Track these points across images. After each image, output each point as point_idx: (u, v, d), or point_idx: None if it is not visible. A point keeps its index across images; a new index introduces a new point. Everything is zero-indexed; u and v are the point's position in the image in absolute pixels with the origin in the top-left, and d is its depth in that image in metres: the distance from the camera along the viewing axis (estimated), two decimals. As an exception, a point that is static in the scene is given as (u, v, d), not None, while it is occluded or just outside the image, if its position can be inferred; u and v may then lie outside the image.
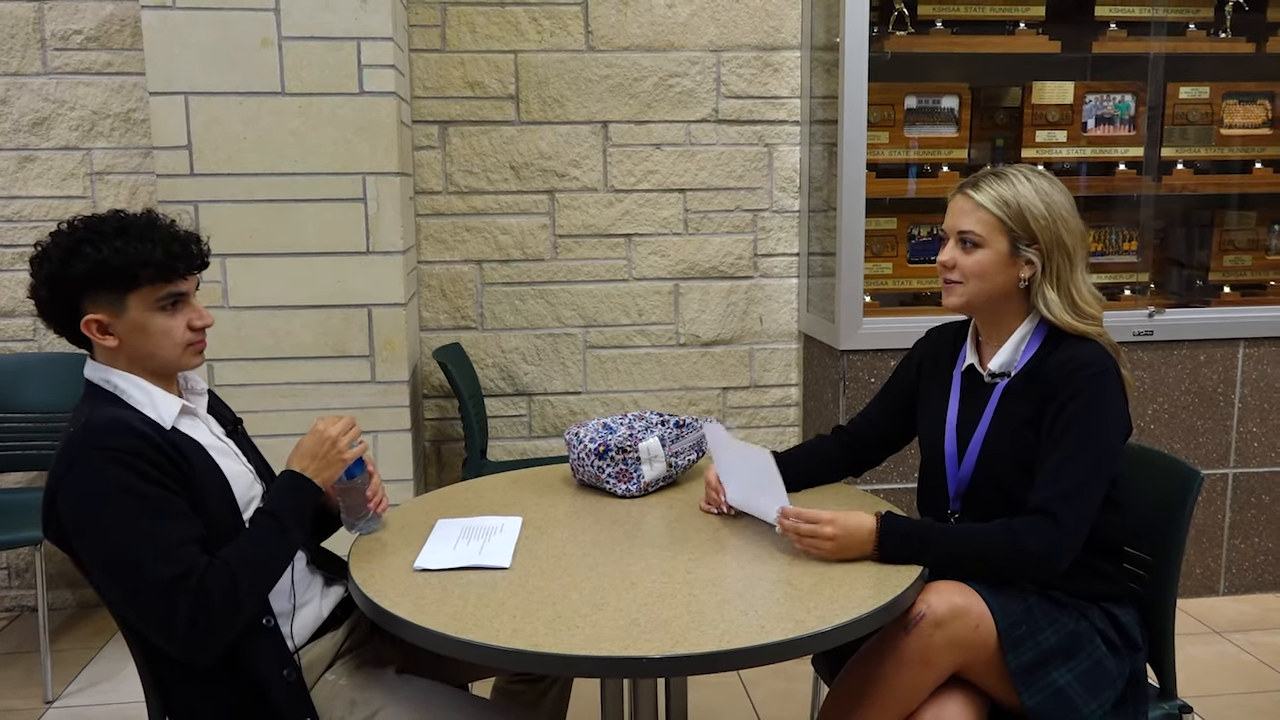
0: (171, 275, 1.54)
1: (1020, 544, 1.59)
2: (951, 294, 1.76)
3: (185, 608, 1.39)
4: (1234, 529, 3.33)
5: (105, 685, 2.84)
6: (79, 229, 1.52)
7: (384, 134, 2.87)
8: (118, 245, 1.49)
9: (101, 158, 3.22)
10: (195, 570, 1.41)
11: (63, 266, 1.49)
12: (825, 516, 1.61)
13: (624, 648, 1.34)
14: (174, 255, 1.53)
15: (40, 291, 1.52)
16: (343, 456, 1.63)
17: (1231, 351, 3.26)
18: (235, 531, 1.55)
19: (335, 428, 1.64)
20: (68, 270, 1.49)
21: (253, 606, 1.50)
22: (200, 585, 1.40)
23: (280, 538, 1.54)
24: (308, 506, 1.61)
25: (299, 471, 1.60)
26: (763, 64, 3.42)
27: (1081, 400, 1.63)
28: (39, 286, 1.52)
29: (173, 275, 1.54)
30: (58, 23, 3.15)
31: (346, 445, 1.64)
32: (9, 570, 3.35)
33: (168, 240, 1.53)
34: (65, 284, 1.50)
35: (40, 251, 1.52)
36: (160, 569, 1.40)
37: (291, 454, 1.63)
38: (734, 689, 2.76)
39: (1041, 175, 1.74)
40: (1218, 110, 3.36)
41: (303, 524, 1.60)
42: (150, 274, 1.51)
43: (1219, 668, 2.90)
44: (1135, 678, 1.69)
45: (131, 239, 1.50)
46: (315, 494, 1.61)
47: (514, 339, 3.47)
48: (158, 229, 1.54)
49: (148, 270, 1.50)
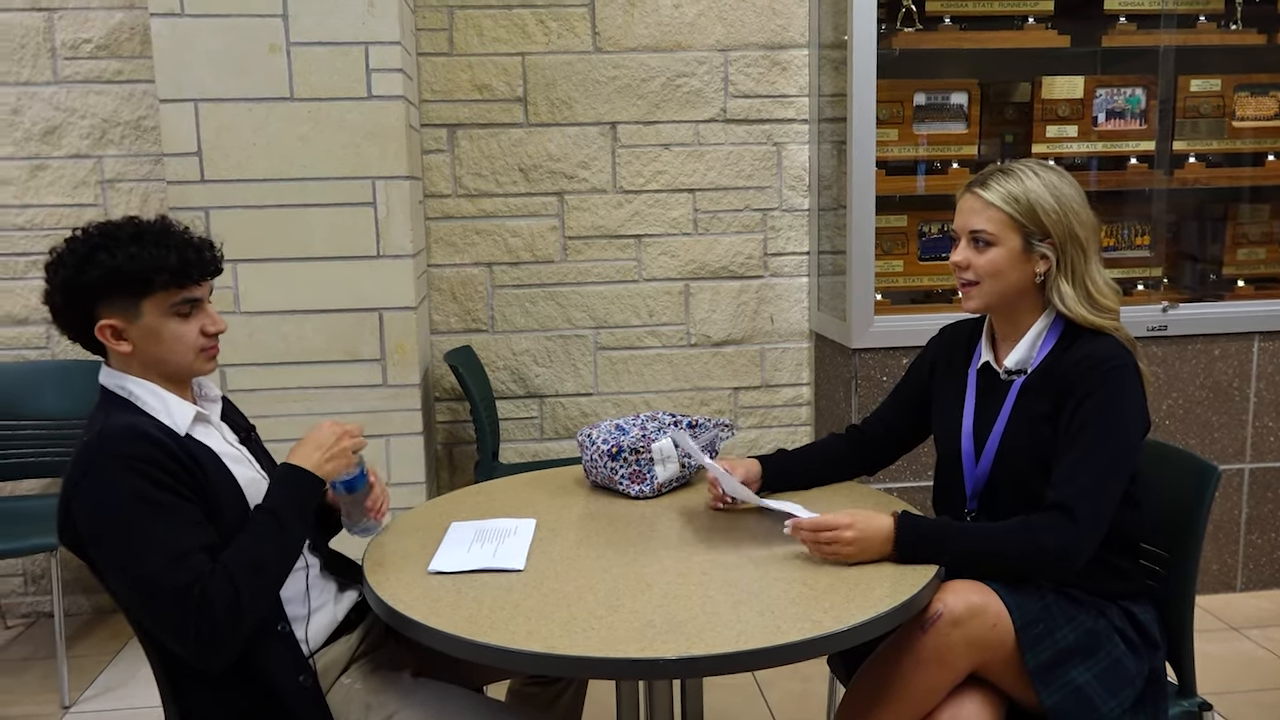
0: (186, 281, 1.55)
1: (1038, 542, 1.58)
2: (970, 297, 1.75)
3: (193, 617, 1.39)
4: (1251, 524, 3.31)
5: (121, 691, 2.85)
6: (94, 235, 1.53)
7: (393, 138, 2.87)
8: (133, 251, 1.50)
9: (112, 165, 3.24)
10: (201, 579, 1.41)
11: (77, 273, 1.50)
12: (844, 521, 1.60)
13: (640, 649, 1.34)
14: (188, 261, 1.54)
15: (55, 298, 1.53)
16: (346, 450, 1.61)
17: (1246, 345, 3.24)
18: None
19: (336, 429, 1.63)
20: (82, 276, 1.49)
21: (258, 609, 1.48)
22: (203, 595, 1.40)
23: (278, 534, 1.51)
24: (308, 499, 1.58)
25: (298, 465, 1.58)
26: (770, 63, 3.42)
27: (1099, 396, 1.61)
28: (54, 293, 1.53)
29: (187, 281, 1.55)
30: (67, 32, 3.16)
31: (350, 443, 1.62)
32: (25, 576, 3.37)
33: (182, 246, 1.54)
34: (80, 290, 1.50)
35: (55, 258, 1.53)
36: (172, 576, 1.40)
37: (292, 449, 1.61)
38: (749, 690, 2.75)
39: (1050, 168, 1.73)
40: (1229, 103, 3.33)
41: (304, 518, 1.57)
42: (165, 280, 1.52)
43: (1237, 664, 2.87)
44: (1154, 676, 1.68)
45: (146, 245, 1.51)
46: (316, 486, 1.58)
47: (525, 341, 3.47)
48: (172, 235, 1.55)
49: (162, 276, 1.51)
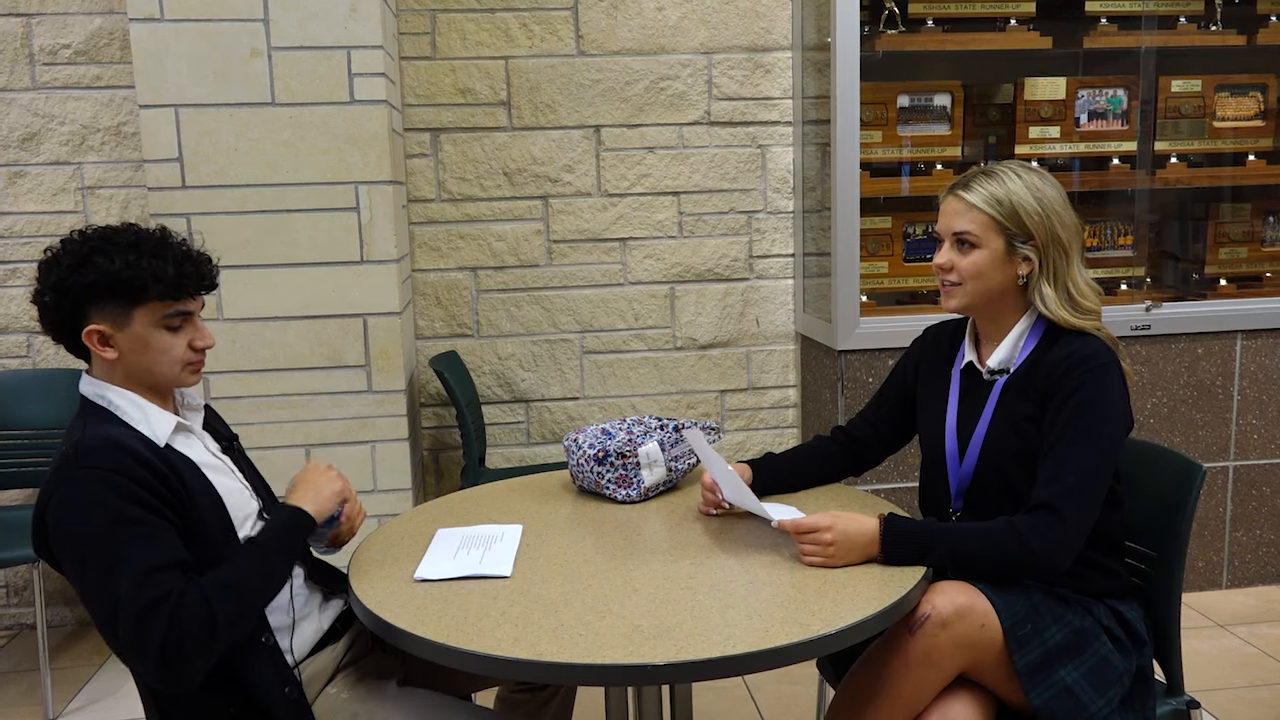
0: (180, 294, 1.54)
1: (1025, 542, 1.58)
2: (951, 296, 1.75)
3: (158, 635, 1.37)
4: (1235, 522, 3.33)
5: (106, 703, 2.82)
6: (92, 238, 1.52)
7: (376, 142, 2.86)
8: (130, 259, 1.49)
9: (92, 172, 3.21)
10: (170, 597, 1.39)
11: (73, 273, 1.49)
12: (824, 522, 1.59)
13: (627, 655, 1.33)
14: (185, 274, 1.54)
15: (45, 297, 1.52)
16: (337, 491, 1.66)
17: (1229, 344, 3.25)
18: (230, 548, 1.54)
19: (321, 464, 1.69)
20: (77, 278, 1.48)
21: (231, 635, 1.45)
22: (174, 614, 1.38)
23: (261, 564, 1.52)
24: (298, 535, 1.60)
25: (294, 504, 1.61)
26: (754, 65, 3.42)
27: (1082, 395, 1.62)
28: (45, 292, 1.51)
29: (182, 294, 1.54)
30: (46, 37, 3.13)
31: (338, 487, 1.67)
32: (7, 588, 3.34)
33: (180, 259, 1.54)
34: (73, 291, 1.49)
35: (50, 257, 1.52)
36: (136, 594, 1.37)
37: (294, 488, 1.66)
38: (739, 693, 2.75)
39: (1032, 170, 1.73)
40: (1210, 103, 3.36)
41: (290, 553, 1.58)
42: (160, 290, 1.51)
43: (1223, 661, 2.89)
44: (1142, 674, 1.69)
45: (144, 254, 1.50)
46: (306, 521, 1.60)
47: (510, 346, 3.46)
48: (170, 247, 1.55)
49: (158, 286, 1.51)
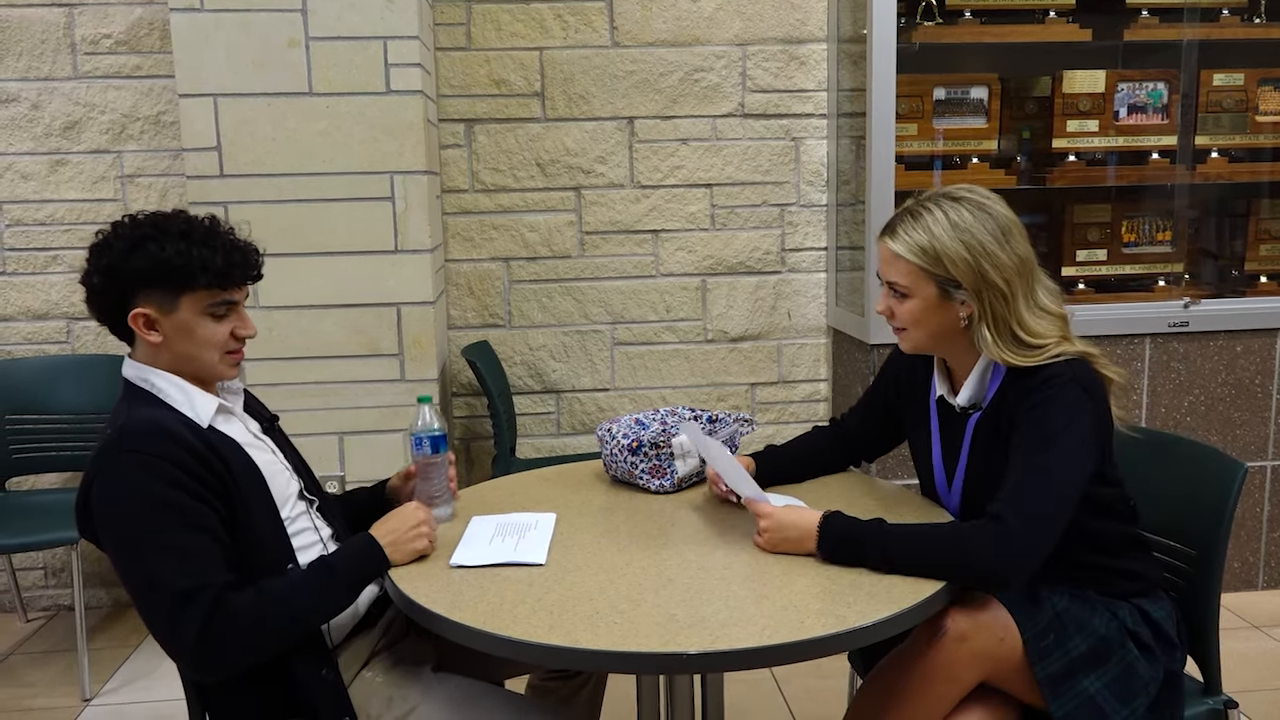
0: (227, 283, 1.57)
1: (966, 550, 1.51)
2: (902, 340, 1.73)
3: (195, 621, 1.39)
4: (1273, 522, 3.28)
5: (142, 683, 2.86)
6: (144, 224, 1.55)
7: (411, 133, 2.87)
8: (181, 246, 1.52)
9: (132, 160, 3.25)
10: (211, 585, 1.41)
11: (124, 258, 1.52)
12: (764, 510, 1.63)
13: (662, 644, 1.34)
14: (233, 264, 1.57)
15: (94, 279, 1.55)
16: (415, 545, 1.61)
17: (1269, 342, 3.21)
18: (274, 527, 1.56)
19: (421, 513, 1.65)
20: (129, 263, 1.52)
21: (272, 646, 1.48)
22: (220, 602, 1.41)
23: (326, 589, 1.53)
24: (370, 574, 1.59)
25: (376, 539, 1.59)
26: (789, 57, 3.40)
27: (1036, 413, 1.56)
28: (94, 274, 1.54)
29: (229, 283, 1.57)
30: (87, 27, 3.17)
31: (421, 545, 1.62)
32: (45, 570, 3.39)
33: (228, 249, 1.56)
34: (123, 276, 1.52)
35: (101, 240, 1.55)
36: (175, 579, 1.40)
37: (377, 522, 1.64)
38: (767, 686, 2.74)
39: (962, 204, 1.61)
40: (1253, 97, 3.30)
41: (357, 587, 1.58)
42: (208, 279, 1.54)
43: (1259, 663, 2.85)
44: (1171, 680, 1.65)
45: (194, 242, 1.53)
46: (382, 564, 1.58)
47: (541, 336, 3.47)
48: (219, 236, 1.57)
49: (206, 275, 1.53)
